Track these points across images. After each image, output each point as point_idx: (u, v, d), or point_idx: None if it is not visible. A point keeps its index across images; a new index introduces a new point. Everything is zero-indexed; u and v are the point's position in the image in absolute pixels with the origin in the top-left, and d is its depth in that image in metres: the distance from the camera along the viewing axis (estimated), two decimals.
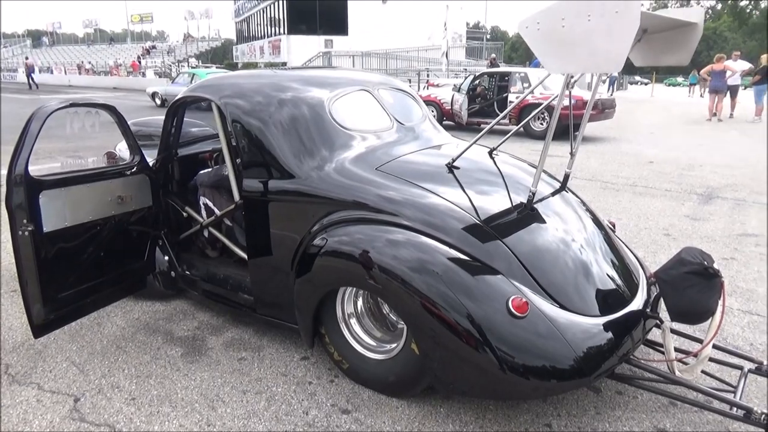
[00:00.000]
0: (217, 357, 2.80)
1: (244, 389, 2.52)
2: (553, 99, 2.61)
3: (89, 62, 46.20)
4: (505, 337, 2.02)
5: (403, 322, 2.36)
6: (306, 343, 2.69)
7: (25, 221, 2.47)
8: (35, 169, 2.53)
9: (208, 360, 2.77)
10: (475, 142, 2.74)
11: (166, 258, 3.30)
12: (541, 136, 10.54)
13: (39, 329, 2.63)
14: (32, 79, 30.48)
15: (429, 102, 12.87)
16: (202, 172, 3.67)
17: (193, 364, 2.74)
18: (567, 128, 2.94)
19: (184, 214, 3.38)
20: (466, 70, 24.18)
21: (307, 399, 2.45)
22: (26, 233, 2.48)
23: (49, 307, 2.63)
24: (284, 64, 32.45)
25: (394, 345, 2.46)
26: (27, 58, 38.60)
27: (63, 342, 2.95)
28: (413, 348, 2.27)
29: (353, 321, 2.60)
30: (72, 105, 2.83)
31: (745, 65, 15.42)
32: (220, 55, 54.95)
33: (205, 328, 3.11)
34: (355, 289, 2.55)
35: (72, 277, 2.73)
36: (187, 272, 3.29)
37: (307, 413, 2.35)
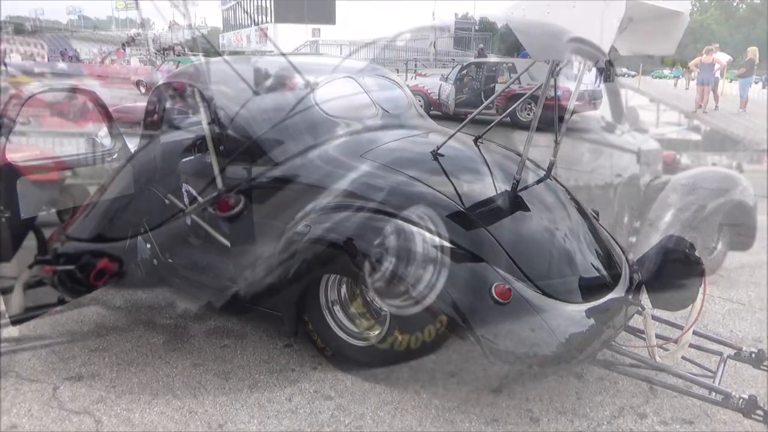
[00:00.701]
0: (199, 345, 2.78)
1: (227, 376, 2.50)
2: (538, 88, 2.60)
3: (73, 49, 45.43)
4: (488, 324, 2.03)
5: (386, 309, 2.36)
6: (289, 331, 2.67)
7: (1, 208, 2.42)
8: (14, 156, 2.48)
9: (191, 347, 2.75)
10: (459, 130, 2.73)
11: (148, 246, 3.26)
12: (528, 126, 10.55)
13: (17, 317, 2.58)
14: (3, 65, 30.24)
15: (416, 92, 12.80)
16: (184, 159, 3.62)
17: (175, 351, 2.71)
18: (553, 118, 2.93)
19: (167, 201, 3.34)
20: (454, 60, 24.12)
21: (290, 386, 2.44)
22: (2, 220, 2.43)
23: (28, 295, 2.58)
24: (270, 52, 32.14)
25: (377, 332, 2.46)
26: None
27: (42, 330, 2.90)
28: (396, 334, 2.27)
29: (337, 308, 2.59)
30: (51, 90, 2.77)
31: (726, 56, 15.57)
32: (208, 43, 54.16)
33: (188, 316, 3.08)
34: (338, 276, 2.54)
35: (51, 265, 2.68)
36: (170, 260, 3.26)
37: (290, 400, 2.34)
